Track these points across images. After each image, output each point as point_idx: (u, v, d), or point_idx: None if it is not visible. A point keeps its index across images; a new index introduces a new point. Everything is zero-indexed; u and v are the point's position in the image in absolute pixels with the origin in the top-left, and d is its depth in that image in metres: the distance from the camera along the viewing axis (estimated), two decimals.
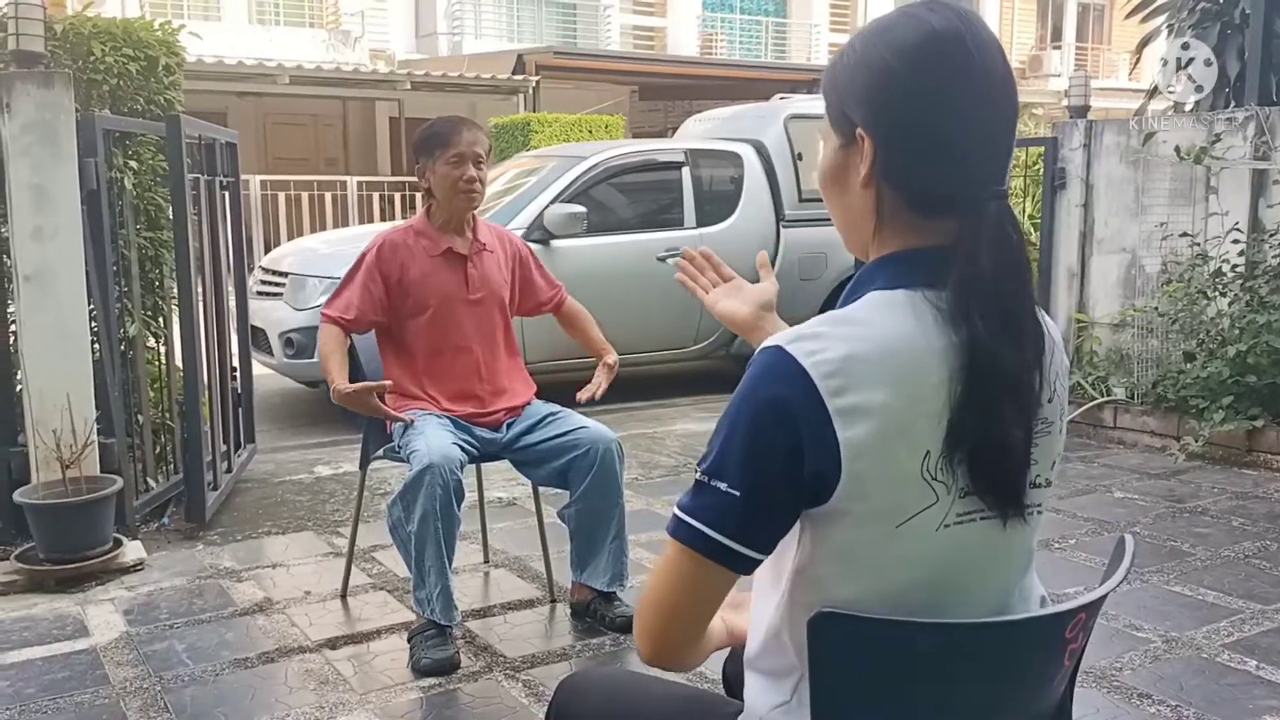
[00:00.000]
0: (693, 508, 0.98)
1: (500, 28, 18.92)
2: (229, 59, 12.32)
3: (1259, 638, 2.77)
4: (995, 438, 0.96)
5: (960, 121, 0.99)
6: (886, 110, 1.01)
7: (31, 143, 3.20)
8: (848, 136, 1.04)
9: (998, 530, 1.00)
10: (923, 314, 0.98)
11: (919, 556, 0.97)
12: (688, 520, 0.98)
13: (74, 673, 2.57)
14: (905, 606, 0.97)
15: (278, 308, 5.63)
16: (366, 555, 3.40)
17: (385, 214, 12.37)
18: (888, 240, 1.04)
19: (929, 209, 1.02)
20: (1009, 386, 0.97)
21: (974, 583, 1.01)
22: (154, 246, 3.84)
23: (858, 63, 1.03)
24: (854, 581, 0.98)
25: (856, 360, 0.94)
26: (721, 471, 0.97)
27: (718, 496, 0.96)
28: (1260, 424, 4.45)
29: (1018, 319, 0.98)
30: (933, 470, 0.95)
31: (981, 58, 1.00)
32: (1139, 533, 3.63)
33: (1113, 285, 5.41)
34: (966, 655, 0.98)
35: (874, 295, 1.01)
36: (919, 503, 0.96)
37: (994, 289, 0.97)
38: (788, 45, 21.78)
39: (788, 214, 6.46)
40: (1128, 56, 18.16)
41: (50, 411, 3.23)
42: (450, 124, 2.82)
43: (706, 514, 0.97)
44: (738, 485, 0.96)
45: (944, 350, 0.96)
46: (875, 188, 1.03)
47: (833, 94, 1.07)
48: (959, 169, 1.00)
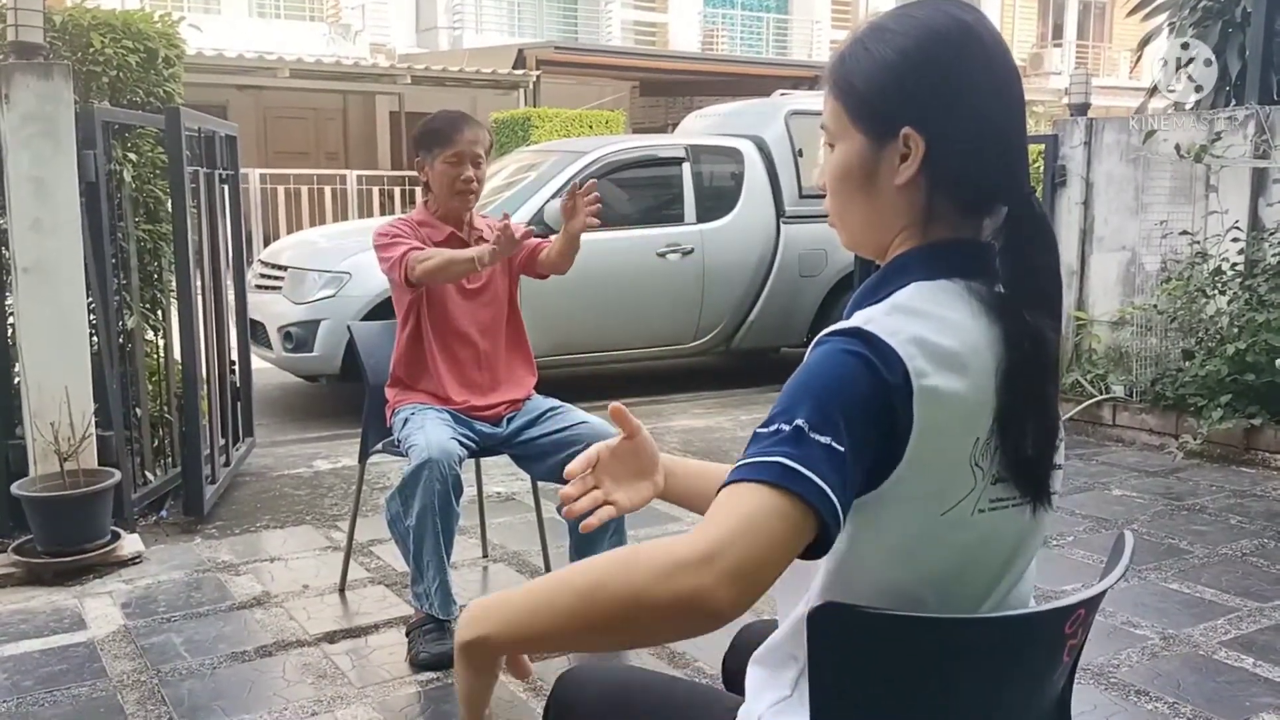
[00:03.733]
0: (802, 457, 0.85)
1: (501, 22, 18.90)
2: (229, 52, 12.31)
3: (1256, 635, 2.77)
4: (1047, 423, 1.00)
5: (1002, 114, 1.00)
6: (939, 106, 0.98)
7: (31, 135, 3.20)
8: (881, 134, 1.01)
9: (1024, 516, 1.01)
10: (972, 304, 0.98)
11: (958, 541, 0.97)
12: (800, 469, 0.84)
13: (71, 665, 2.57)
14: (939, 593, 0.98)
15: (277, 301, 5.62)
16: (365, 549, 3.40)
17: (385, 208, 12.37)
18: (920, 236, 1.03)
19: (972, 205, 1.02)
20: (1052, 372, 1.01)
21: (999, 568, 1.02)
22: (153, 239, 3.83)
23: (899, 56, 0.99)
24: (895, 569, 0.97)
25: (930, 345, 0.93)
26: (823, 427, 0.87)
27: (822, 449, 0.86)
28: (1258, 422, 4.45)
29: (1057, 308, 1.02)
30: (977, 457, 0.96)
31: (1001, 49, 1.01)
32: (1137, 530, 3.63)
33: (1112, 283, 5.41)
34: (967, 650, 0.98)
35: (922, 285, 0.99)
36: (962, 489, 0.96)
37: (1044, 276, 1.00)
38: (789, 41, 21.76)
39: (788, 210, 6.46)
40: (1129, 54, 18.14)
41: (48, 404, 3.22)
42: (451, 121, 2.81)
43: (818, 466, 0.85)
44: (842, 442, 0.87)
45: (993, 339, 0.97)
46: (923, 187, 1.01)
47: (861, 88, 1.02)
48: (1003, 163, 1.01)
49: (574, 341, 5.81)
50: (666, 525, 3.59)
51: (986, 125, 0.99)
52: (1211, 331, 4.77)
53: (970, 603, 1.00)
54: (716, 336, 6.33)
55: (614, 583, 0.84)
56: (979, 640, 0.98)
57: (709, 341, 6.33)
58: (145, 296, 3.79)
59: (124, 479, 3.38)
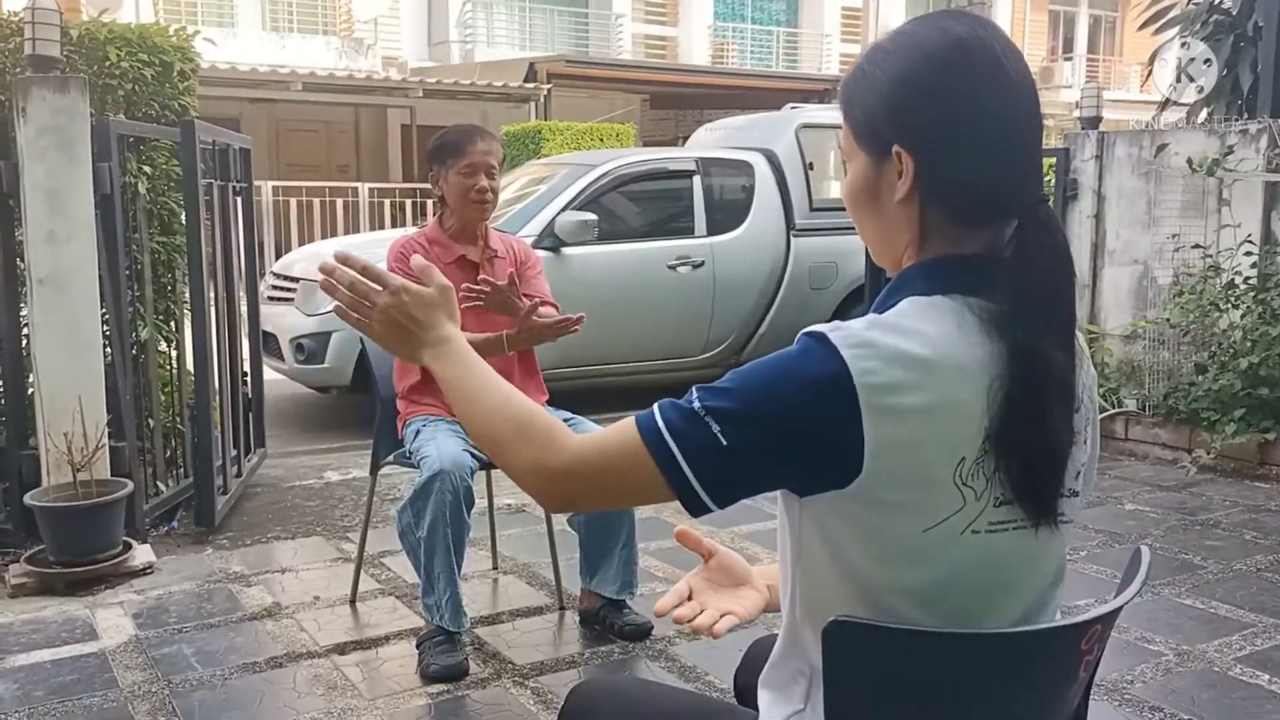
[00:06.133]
0: (679, 429, 0.95)
1: (512, 36, 18.99)
2: (243, 65, 12.40)
3: (1271, 651, 2.75)
4: (1049, 445, 0.96)
5: (1000, 127, 0.99)
6: (925, 124, 0.99)
7: (46, 147, 3.22)
8: (879, 153, 1.03)
9: (1030, 539, 0.99)
10: (965, 320, 0.97)
11: (947, 559, 0.96)
12: (665, 437, 0.95)
13: (82, 676, 2.57)
14: (929, 605, 0.97)
15: (289, 313, 5.64)
16: (376, 561, 3.40)
17: (396, 220, 12.41)
18: (925, 250, 1.03)
19: (973, 219, 1.01)
20: (1060, 390, 0.97)
21: (1001, 591, 1.00)
22: (167, 251, 3.86)
23: (887, 78, 1.01)
24: (874, 576, 0.97)
25: (898, 363, 0.93)
26: (723, 417, 0.94)
27: (706, 436, 0.94)
28: (1272, 436, 4.42)
29: (1068, 325, 0.99)
30: (964, 476, 0.94)
31: (1009, 62, 1.00)
32: (1151, 545, 3.59)
33: (1124, 297, 5.39)
34: (984, 666, 0.97)
35: (914, 300, 0.99)
36: (948, 508, 0.95)
37: (1047, 294, 0.97)
38: (799, 55, 21.80)
39: (799, 223, 6.45)
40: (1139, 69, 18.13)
41: (62, 415, 3.24)
42: (464, 133, 2.83)
43: (684, 441, 0.95)
44: (730, 439, 0.94)
45: (986, 357, 0.95)
46: (917, 203, 1.01)
47: (859, 110, 1.05)
48: (1003, 177, 1.00)
49: (584, 354, 5.80)
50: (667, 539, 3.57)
51: (982, 139, 0.99)
52: (1224, 345, 4.75)
53: (967, 624, 0.98)
54: (727, 349, 6.32)
55: (508, 437, 1.05)
56: (996, 656, 0.97)
57: (719, 354, 6.32)
58: (159, 308, 3.81)
59: (136, 489, 3.39)
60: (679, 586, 1.21)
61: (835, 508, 0.96)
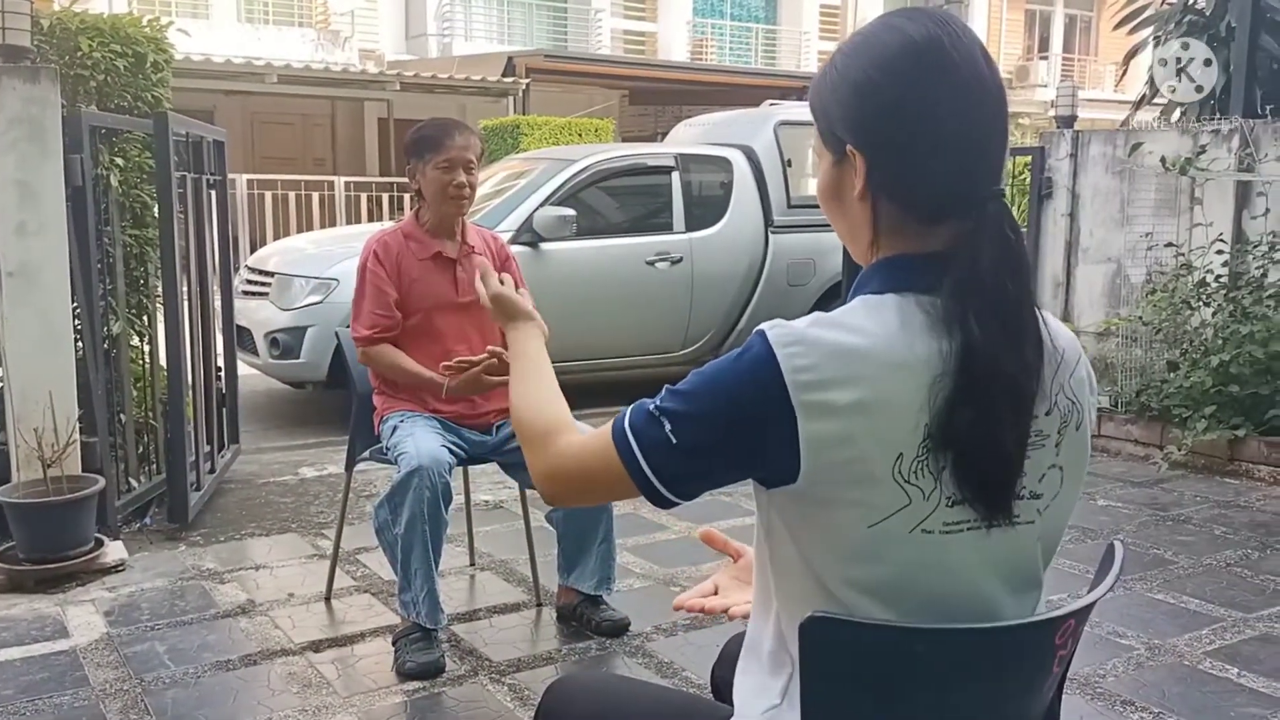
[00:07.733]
0: (638, 429, 1.02)
1: (490, 30, 18.90)
2: (217, 57, 12.26)
3: (1240, 645, 2.79)
4: (985, 440, 0.95)
5: (948, 127, 0.99)
6: (873, 125, 1.01)
7: (17, 138, 3.18)
8: (839, 153, 1.05)
9: (983, 539, 0.99)
10: (910, 317, 0.98)
11: (897, 558, 0.97)
12: (629, 439, 1.03)
13: (53, 674, 2.55)
14: (890, 603, 0.98)
15: (263, 307, 5.60)
16: (351, 557, 3.38)
17: (373, 215, 12.33)
18: (885, 248, 1.05)
19: (926, 216, 1.02)
20: (1007, 389, 0.96)
21: (963, 591, 1.00)
22: (139, 244, 3.81)
23: (840, 80, 1.04)
24: (833, 570, 0.99)
25: (831, 359, 0.95)
26: (674, 416, 1.00)
27: (660, 435, 1.00)
28: (1242, 433, 4.48)
29: (1018, 321, 0.98)
30: (905, 473, 0.95)
31: (963, 60, 0.99)
32: (1123, 540, 3.64)
33: (1098, 295, 5.44)
34: (959, 661, 0.98)
35: (863, 299, 1.02)
36: (891, 505, 0.95)
37: (993, 290, 0.96)
38: (778, 52, 21.84)
39: (777, 220, 6.47)
40: (1114, 68, 18.29)
41: (32, 409, 3.20)
42: (442, 127, 2.81)
43: (642, 440, 1.02)
44: (679, 438, 1.00)
45: (929, 354, 0.96)
46: (871, 200, 1.03)
47: (820, 112, 1.08)
48: (952, 174, 1.00)
49: (562, 349, 5.72)
50: (654, 534, 3.59)
51: (930, 138, 0.99)
52: (1196, 343, 4.80)
53: (929, 622, 0.98)
54: (705, 345, 6.33)
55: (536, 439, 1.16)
56: (972, 651, 0.98)
57: (697, 350, 6.33)
58: (131, 302, 3.77)
59: (108, 485, 3.35)
60: (704, 585, 1.28)
61: (793, 501, 0.99)
